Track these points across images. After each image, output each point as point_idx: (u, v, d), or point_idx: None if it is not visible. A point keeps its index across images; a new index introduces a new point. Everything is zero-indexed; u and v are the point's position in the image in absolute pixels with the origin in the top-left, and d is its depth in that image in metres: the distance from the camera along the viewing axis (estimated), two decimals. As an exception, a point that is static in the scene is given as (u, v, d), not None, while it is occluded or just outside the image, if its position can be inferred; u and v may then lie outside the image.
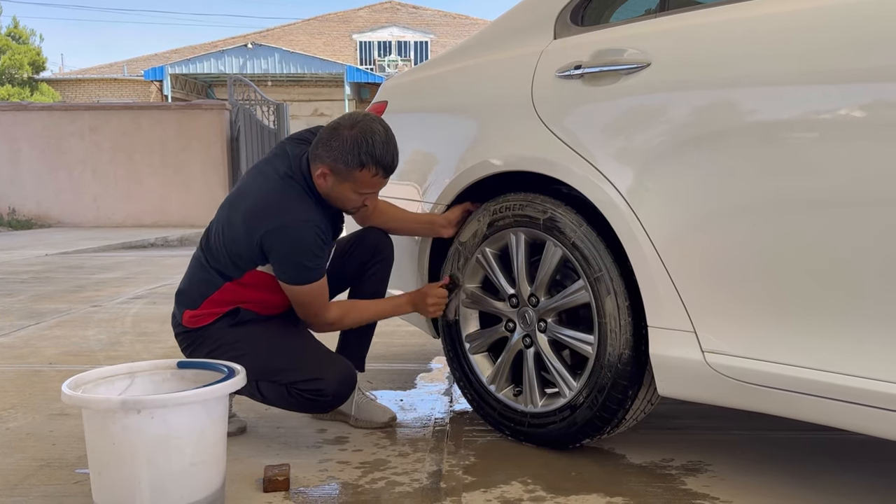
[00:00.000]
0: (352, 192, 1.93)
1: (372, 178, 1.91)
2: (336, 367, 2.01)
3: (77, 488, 1.78)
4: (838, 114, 1.39)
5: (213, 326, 2.02)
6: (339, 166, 1.88)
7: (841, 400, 1.40)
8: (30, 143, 11.15)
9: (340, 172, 1.89)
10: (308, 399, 1.98)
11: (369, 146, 1.86)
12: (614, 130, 1.77)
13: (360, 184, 1.91)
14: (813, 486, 1.76)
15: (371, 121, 1.91)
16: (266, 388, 2.00)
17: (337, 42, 27.13)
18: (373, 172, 1.89)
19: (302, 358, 2.01)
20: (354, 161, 1.87)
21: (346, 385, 2.01)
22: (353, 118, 1.92)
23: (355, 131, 1.87)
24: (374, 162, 1.87)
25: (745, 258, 1.53)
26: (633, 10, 1.97)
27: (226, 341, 2.00)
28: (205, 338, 2.02)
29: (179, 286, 2.09)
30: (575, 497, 1.70)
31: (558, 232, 1.88)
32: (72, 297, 4.71)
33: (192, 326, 2.03)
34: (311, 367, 1.98)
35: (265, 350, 2.00)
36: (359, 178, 1.90)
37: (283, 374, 1.97)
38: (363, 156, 1.86)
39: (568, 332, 1.92)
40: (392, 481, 1.81)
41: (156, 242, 9.01)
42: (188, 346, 2.05)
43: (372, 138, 1.87)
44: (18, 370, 2.90)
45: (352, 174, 1.89)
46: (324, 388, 1.96)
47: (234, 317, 2.03)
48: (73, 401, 1.52)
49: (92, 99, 22.72)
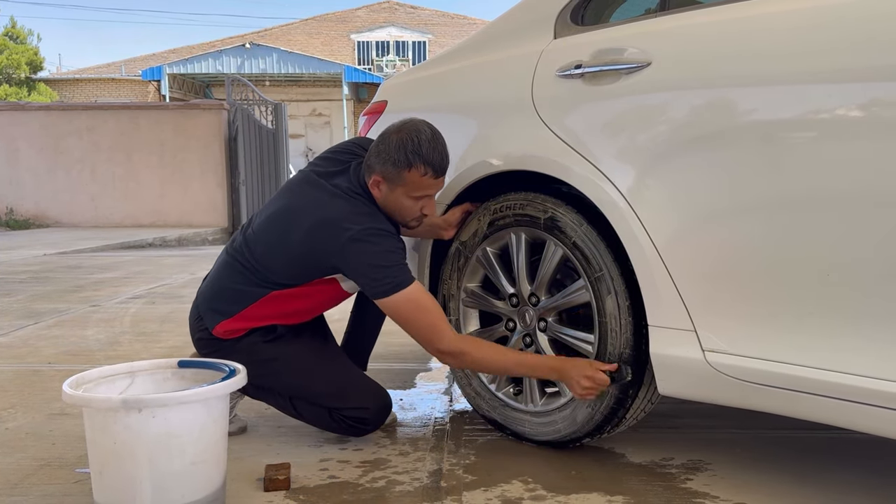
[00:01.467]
0: (406, 199, 1.90)
1: (422, 179, 1.87)
2: (379, 396, 2.05)
3: (77, 487, 1.78)
4: (840, 113, 1.39)
5: (244, 340, 1.99)
6: (388, 170, 1.86)
7: (842, 399, 1.40)
8: (28, 142, 11.12)
9: (391, 177, 1.87)
10: (350, 425, 2.02)
11: (415, 145, 1.85)
12: (615, 129, 1.77)
13: (411, 187, 1.88)
14: (813, 485, 1.76)
15: (417, 122, 1.90)
16: (304, 407, 2.03)
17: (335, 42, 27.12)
18: (422, 172, 1.86)
19: (346, 385, 2.03)
20: (402, 161, 1.85)
21: (385, 414, 2.08)
22: (400, 123, 1.91)
23: (402, 134, 1.87)
24: (421, 161, 1.85)
25: (746, 257, 1.54)
26: (633, 9, 1.97)
27: (260, 358, 1.95)
28: (235, 350, 1.95)
29: (211, 289, 2.02)
30: (576, 496, 1.71)
31: (559, 231, 1.88)
32: (70, 297, 4.70)
33: (224, 338, 1.99)
34: (356, 396, 2.02)
35: (306, 372, 2.01)
36: (409, 179, 1.87)
37: (327, 398, 2.01)
38: (410, 155, 1.84)
39: (568, 331, 1.93)
40: (393, 480, 1.81)
41: (154, 242, 9.00)
42: (210, 354, 1.97)
43: (418, 137, 1.85)
44: (17, 370, 2.90)
45: (401, 176, 1.86)
46: (367, 418, 2.02)
47: (267, 334, 2.00)
48: (75, 400, 1.52)
49: (90, 99, 22.69)
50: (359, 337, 2.33)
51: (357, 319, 2.34)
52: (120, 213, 11.18)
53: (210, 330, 2.00)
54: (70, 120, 11.17)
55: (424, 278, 2.31)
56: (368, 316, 2.31)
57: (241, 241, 2.01)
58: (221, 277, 2.02)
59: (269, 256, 1.93)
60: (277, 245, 1.92)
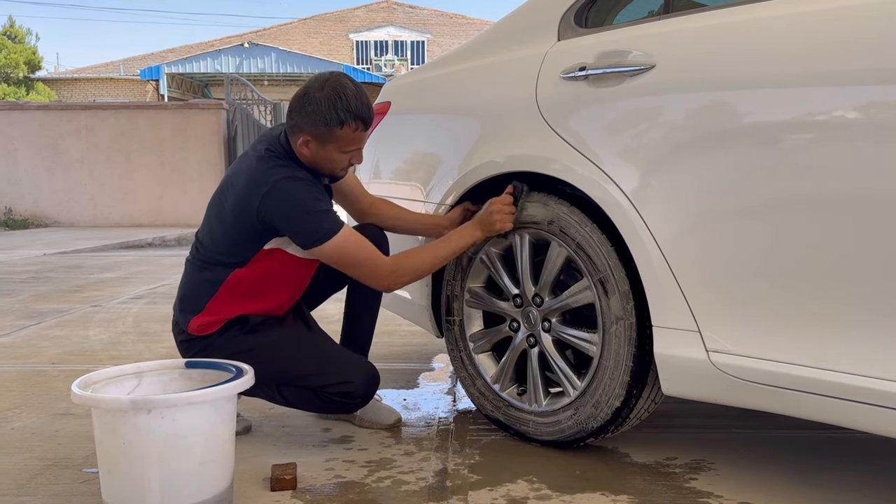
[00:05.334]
0: (337, 153, 1.93)
1: (354, 134, 1.90)
2: (363, 369, 2.04)
3: (84, 487, 1.79)
4: (844, 115, 1.40)
5: (224, 335, 2.00)
6: (319, 129, 1.87)
7: (846, 399, 1.41)
8: (26, 142, 11.11)
9: (322, 136, 1.89)
10: (337, 402, 2.01)
11: (345, 102, 1.85)
12: (619, 131, 1.78)
13: (343, 142, 1.91)
14: (815, 484, 1.77)
15: (339, 76, 1.90)
16: (290, 391, 2.03)
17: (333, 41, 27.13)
18: (353, 128, 1.89)
19: (328, 362, 2.03)
20: (334, 120, 1.86)
21: (373, 386, 2.05)
22: (319, 80, 1.90)
23: (326, 91, 1.86)
24: (352, 117, 1.87)
25: (750, 258, 1.55)
26: (636, 12, 1.98)
27: (242, 349, 1.97)
28: (215, 347, 1.99)
29: (178, 294, 2.07)
30: (580, 495, 1.72)
31: (562, 232, 1.89)
32: (71, 297, 4.71)
33: (200, 334, 2.00)
34: (340, 371, 2.00)
35: (287, 356, 2.01)
36: (341, 136, 1.89)
37: (310, 378, 2.00)
38: (342, 113, 1.86)
39: (572, 331, 1.94)
40: (398, 480, 1.82)
41: (153, 242, 9.00)
42: (196, 355, 1.99)
43: (345, 93, 1.86)
44: (21, 370, 2.91)
45: (333, 134, 1.88)
46: (353, 391, 1.99)
47: (244, 324, 2.02)
48: (84, 400, 1.53)
49: (88, 98, 22.68)
50: (355, 336, 2.31)
51: (350, 319, 2.32)
52: (118, 213, 11.18)
53: (185, 330, 2.02)
54: (69, 119, 11.17)
55: (427, 280, 2.32)
56: (363, 315, 2.30)
57: (194, 241, 2.07)
58: (184, 280, 2.07)
59: (212, 237, 1.98)
60: (216, 221, 1.97)
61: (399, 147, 2.52)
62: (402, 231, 2.26)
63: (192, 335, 2.01)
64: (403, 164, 2.53)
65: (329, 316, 2.19)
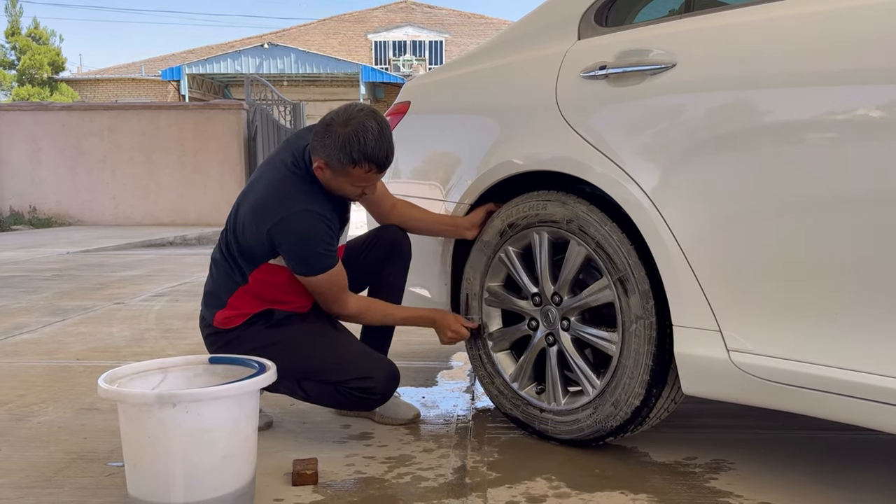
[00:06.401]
0: (348, 185, 1.97)
1: (366, 174, 1.93)
2: (383, 365, 2.07)
3: (110, 480, 1.82)
4: (868, 115, 1.39)
5: (249, 328, 2.04)
6: (333, 161, 1.91)
7: (869, 399, 1.41)
8: (50, 142, 11.27)
9: (335, 167, 1.92)
10: (358, 397, 2.04)
11: (362, 144, 1.88)
12: (639, 130, 1.78)
13: (354, 178, 1.94)
14: (836, 485, 1.76)
15: (365, 117, 1.91)
16: (311, 386, 2.06)
17: (352, 42, 27.22)
18: (366, 169, 1.91)
19: (349, 358, 2.06)
20: (346, 159, 1.89)
21: (394, 382, 2.08)
22: (347, 114, 1.92)
23: (348, 129, 1.88)
24: (366, 159, 1.89)
25: (772, 257, 1.54)
26: (657, 10, 1.98)
27: (263, 343, 2.01)
28: (240, 340, 2.04)
29: (205, 288, 2.12)
30: (600, 494, 1.72)
31: (582, 231, 1.89)
32: (95, 295, 4.77)
33: (224, 327, 2.05)
34: (360, 367, 2.04)
35: (310, 351, 2.05)
36: (353, 173, 1.92)
37: (330, 373, 2.03)
38: (355, 154, 1.88)
39: (591, 330, 1.94)
40: (418, 476, 1.84)
41: (174, 241, 9.09)
42: (221, 348, 2.05)
43: (364, 136, 1.88)
44: (47, 365, 2.96)
45: (345, 170, 1.91)
46: (374, 387, 2.03)
47: (269, 318, 2.06)
48: (111, 395, 1.56)
49: (110, 99, 22.93)
50: (375, 334, 2.32)
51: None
52: (140, 212, 11.30)
53: (211, 324, 2.07)
54: (92, 120, 11.31)
55: (447, 278, 2.33)
56: None
57: (220, 237, 2.11)
58: (209, 276, 2.13)
59: (235, 237, 2.02)
60: (237, 224, 2.01)
61: (418, 146, 2.54)
62: (422, 232, 2.28)
63: (217, 328, 2.07)
64: (423, 164, 2.54)
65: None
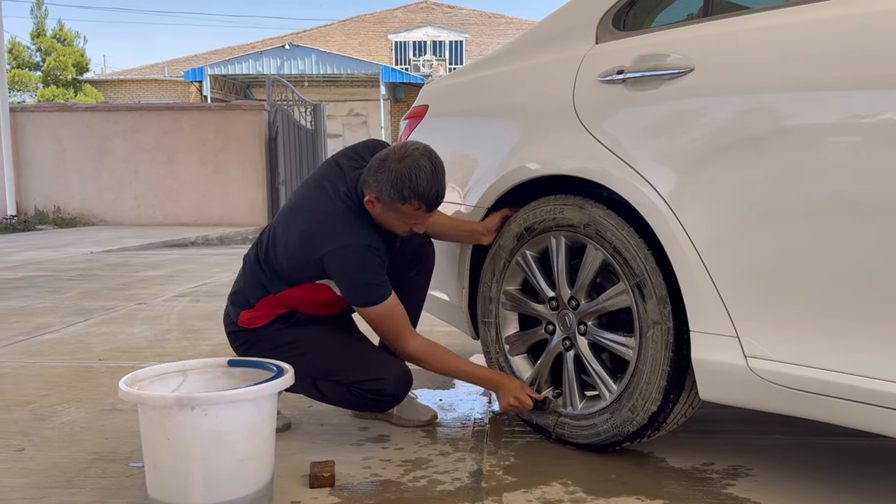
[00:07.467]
0: (397, 221, 1.98)
1: (415, 212, 1.95)
2: (395, 368, 2.09)
3: (130, 481, 1.85)
4: (885, 119, 1.38)
5: (269, 327, 2.10)
6: (383, 196, 1.93)
7: (888, 407, 1.39)
8: (75, 142, 11.44)
9: (385, 202, 1.94)
10: (369, 399, 2.07)
11: (413, 182, 1.89)
12: (657, 134, 1.78)
13: (403, 215, 1.96)
14: (853, 492, 1.75)
15: (420, 156, 1.93)
16: (325, 386, 2.09)
17: (372, 42, 27.30)
18: (415, 206, 1.93)
19: (363, 359, 2.10)
20: (397, 195, 1.91)
21: (405, 385, 2.10)
22: (403, 151, 1.94)
23: (402, 166, 1.90)
24: (416, 198, 1.91)
25: (790, 262, 1.53)
26: (675, 14, 1.97)
27: (284, 341, 2.08)
28: (261, 338, 2.10)
29: (234, 287, 2.17)
30: (616, 499, 1.72)
31: (599, 235, 1.89)
32: (117, 295, 4.83)
33: (248, 327, 2.11)
34: (372, 368, 2.07)
35: (325, 350, 2.09)
36: (402, 210, 1.94)
37: (343, 373, 2.06)
38: (405, 191, 1.90)
39: (608, 335, 1.94)
40: (434, 480, 1.85)
41: (196, 241, 9.18)
42: (242, 345, 2.13)
43: (417, 174, 1.89)
44: (70, 366, 3.00)
45: (395, 206, 1.93)
46: (384, 388, 2.05)
47: (290, 318, 2.11)
48: (131, 397, 1.58)
49: (133, 99, 23.20)
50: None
51: None
52: (162, 212, 11.43)
53: (235, 322, 2.12)
54: (115, 120, 11.46)
55: (464, 282, 2.34)
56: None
57: (257, 239, 2.14)
58: (240, 275, 2.17)
59: (274, 249, 2.05)
60: (281, 238, 2.04)
61: (437, 150, 2.53)
62: (443, 238, 2.30)
63: (240, 327, 2.12)
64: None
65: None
